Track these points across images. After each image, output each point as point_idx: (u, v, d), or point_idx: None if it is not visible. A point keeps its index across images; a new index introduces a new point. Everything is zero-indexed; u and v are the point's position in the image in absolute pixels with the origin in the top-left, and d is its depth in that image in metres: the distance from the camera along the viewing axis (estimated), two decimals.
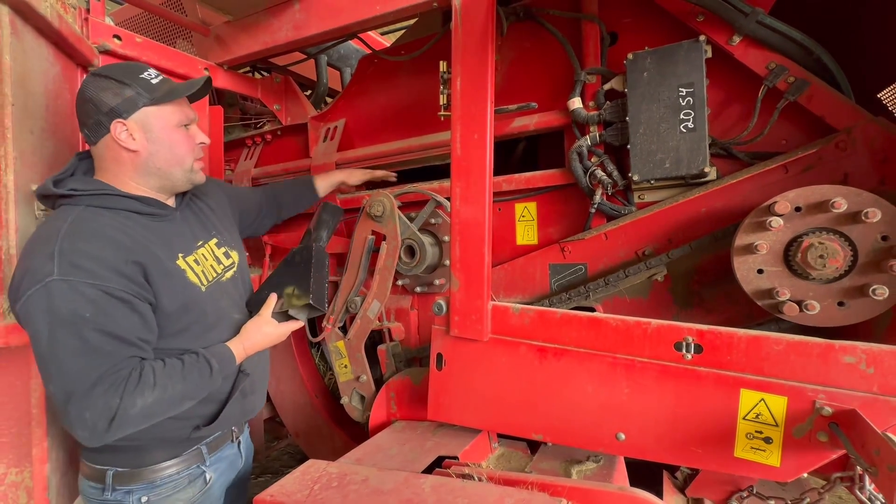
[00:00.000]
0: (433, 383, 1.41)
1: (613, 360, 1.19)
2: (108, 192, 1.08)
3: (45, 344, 0.94)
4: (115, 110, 1.08)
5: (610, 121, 1.47)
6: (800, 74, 1.26)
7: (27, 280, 0.95)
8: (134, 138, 1.10)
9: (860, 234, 1.08)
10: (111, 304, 0.98)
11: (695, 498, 1.37)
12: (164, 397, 1.02)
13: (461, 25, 1.29)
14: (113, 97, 1.08)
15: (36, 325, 0.94)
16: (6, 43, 1.10)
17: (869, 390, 0.96)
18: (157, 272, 1.07)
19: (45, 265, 0.94)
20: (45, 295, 0.93)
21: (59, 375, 0.94)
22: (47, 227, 1.03)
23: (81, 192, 1.05)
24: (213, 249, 1.28)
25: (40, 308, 0.93)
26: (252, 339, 1.26)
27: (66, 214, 1.03)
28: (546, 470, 1.32)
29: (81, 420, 0.94)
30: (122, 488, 1.13)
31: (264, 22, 1.80)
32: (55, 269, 0.94)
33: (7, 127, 1.11)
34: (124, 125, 1.08)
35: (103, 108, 1.07)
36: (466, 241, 1.31)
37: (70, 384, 0.94)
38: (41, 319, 0.94)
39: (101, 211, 1.05)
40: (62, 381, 0.94)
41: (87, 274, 0.96)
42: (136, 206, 1.10)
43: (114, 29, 1.59)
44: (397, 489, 1.11)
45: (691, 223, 1.37)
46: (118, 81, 1.09)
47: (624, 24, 1.50)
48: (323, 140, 2.06)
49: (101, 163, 1.13)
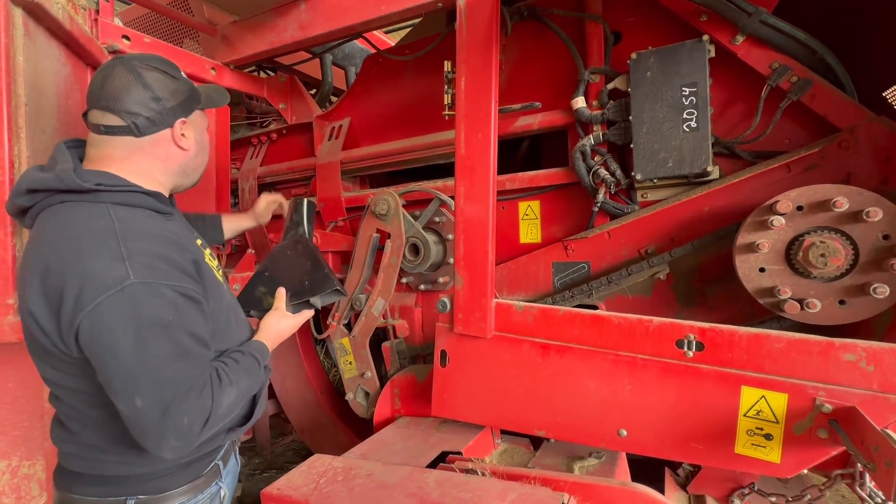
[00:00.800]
0: (437, 380, 1.43)
1: (616, 358, 1.20)
2: (133, 188, 1.00)
3: (130, 354, 0.85)
4: (179, 108, 1.05)
5: (613, 120, 1.48)
6: (803, 74, 1.26)
7: (91, 287, 0.84)
8: (186, 137, 1.08)
9: (861, 233, 1.09)
10: (188, 306, 0.93)
11: (696, 495, 1.38)
12: (239, 393, 1.01)
13: (466, 25, 1.30)
14: (174, 94, 1.04)
15: (115, 336, 0.84)
16: (20, 44, 1.12)
17: (869, 388, 0.97)
18: (204, 271, 1.03)
19: (116, 268, 0.85)
20: (124, 300, 0.84)
21: (155, 385, 0.86)
22: (87, 224, 0.91)
23: (107, 187, 0.96)
24: (203, 249, 1.21)
25: (121, 315, 0.84)
26: (276, 331, 1.26)
27: (99, 211, 0.93)
28: (548, 466, 1.34)
29: (179, 427, 0.88)
30: None
31: (270, 22, 1.82)
32: (129, 271, 0.85)
33: (21, 126, 1.13)
34: (186, 124, 1.07)
35: (167, 103, 1.03)
36: (470, 239, 1.33)
37: (167, 392, 0.87)
38: (124, 327, 0.84)
39: (129, 209, 0.97)
40: (159, 391, 0.86)
41: (164, 275, 0.90)
42: (155, 204, 1.04)
43: (122, 29, 1.61)
44: (402, 483, 1.13)
45: (694, 222, 1.38)
46: (174, 78, 1.06)
47: (627, 24, 1.51)
48: (328, 139, 2.08)
49: (131, 154, 1.02)
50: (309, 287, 1.39)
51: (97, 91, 0.99)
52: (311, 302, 1.40)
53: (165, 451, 0.90)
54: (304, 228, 1.53)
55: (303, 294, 1.39)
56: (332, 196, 2.01)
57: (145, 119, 1.00)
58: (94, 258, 0.87)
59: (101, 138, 1.00)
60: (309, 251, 1.46)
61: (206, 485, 1.10)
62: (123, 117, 0.99)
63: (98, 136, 1.00)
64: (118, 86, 0.99)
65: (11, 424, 1.32)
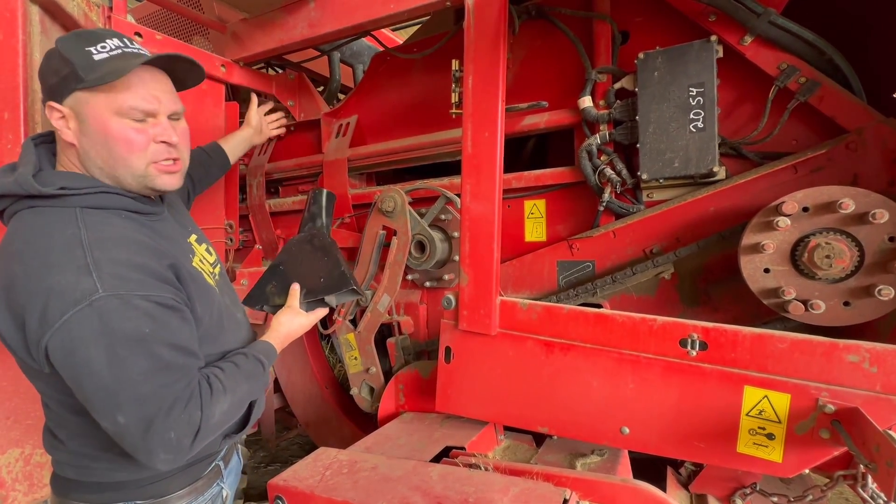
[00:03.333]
0: (441, 376, 1.44)
1: (619, 356, 1.21)
2: (104, 189, 0.91)
3: (105, 372, 0.79)
4: (52, 90, 0.89)
5: (620, 119, 1.48)
6: (811, 75, 1.26)
7: (58, 302, 0.78)
8: (69, 128, 0.90)
9: (867, 235, 1.09)
10: (166, 315, 0.86)
11: (698, 494, 1.38)
12: (235, 401, 0.96)
13: (474, 24, 1.31)
14: (52, 74, 0.89)
15: (87, 353, 0.79)
16: (36, 41, 1.14)
17: (872, 389, 0.98)
18: (186, 276, 0.95)
19: (81, 281, 0.79)
20: (93, 316, 0.78)
21: (134, 402, 0.81)
22: (52, 233, 0.84)
23: (73, 190, 0.87)
24: (196, 246, 1.13)
25: (92, 332, 0.78)
26: (287, 330, 1.23)
27: (67, 217, 0.85)
28: (551, 462, 1.35)
29: (165, 442, 0.83)
30: None
31: (280, 19, 1.84)
32: (97, 283, 0.79)
33: (38, 122, 1.16)
34: (59, 111, 0.89)
35: (45, 83, 0.90)
36: (476, 237, 1.34)
37: (149, 408, 0.82)
38: (95, 345, 0.79)
39: (101, 213, 0.89)
40: (139, 408, 0.81)
41: (136, 285, 0.83)
42: (133, 204, 0.94)
43: (135, 26, 1.63)
44: (406, 476, 1.14)
45: (699, 222, 1.38)
46: (61, 55, 0.88)
47: (635, 24, 1.51)
48: (335, 136, 2.09)
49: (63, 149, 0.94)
50: (324, 285, 1.34)
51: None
52: (325, 300, 1.36)
53: (158, 464, 0.86)
54: (322, 221, 1.47)
55: (317, 292, 1.34)
56: (339, 193, 2.02)
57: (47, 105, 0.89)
58: (60, 271, 0.80)
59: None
60: (325, 246, 1.40)
61: (206, 486, 1.08)
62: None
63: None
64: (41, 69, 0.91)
65: (25, 414, 1.35)
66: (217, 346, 1.07)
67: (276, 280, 1.38)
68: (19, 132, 1.13)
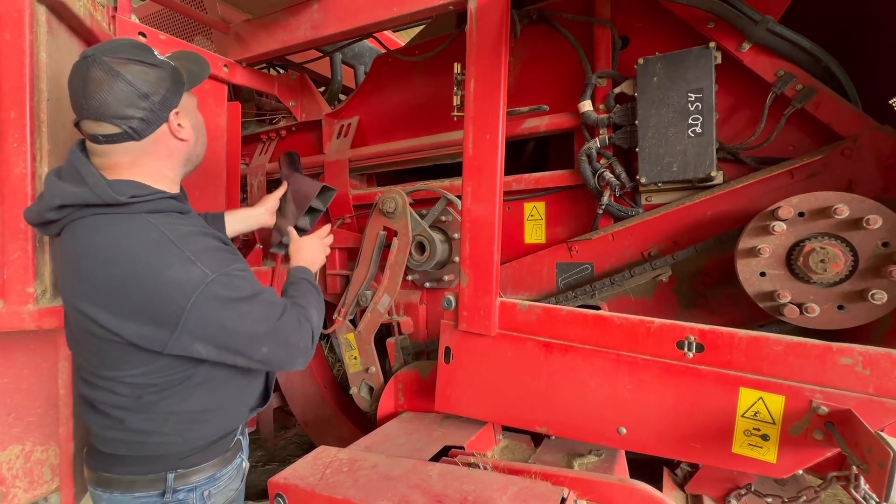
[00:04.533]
0: (441, 376, 1.46)
1: (617, 357, 1.23)
2: (160, 196, 1.03)
3: (241, 324, 0.99)
4: (168, 99, 1.01)
5: (619, 124, 1.50)
6: (808, 82, 1.28)
7: (182, 290, 0.93)
8: (183, 126, 1.06)
9: (861, 240, 1.11)
10: (248, 274, 1.07)
11: (694, 494, 1.40)
12: (316, 306, 1.20)
13: (476, 28, 1.33)
14: (158, 84, 0.99)
15: (221, 318, 0.97)
16: (43, 41, 1.15)
17: (865, 391, 0.99)
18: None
19: (192, 270, 0.95)
20: (210, 296, 0.95)
21: (269, 335, 1.03)
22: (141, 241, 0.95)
23: (140, 198, 0.98)
24: None
25: (215, 305, 0.96)
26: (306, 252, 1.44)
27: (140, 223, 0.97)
28: (549, 462, 1.36)
29: (303, 350, 1.10)
30: (184, 487, 1.10)
31: (283, 21, 1.85)
32: (205, 269, 0.95)
33: (43, 121, 1.16)
34: (179, 114, 1.05)
35: (155, 97, 0.98)
36: (476, 238, 1.35)
37: (282, 332, 1.05)
38: (224, 310, 0.97)
39: (160, 216, 1.01)
40: (275, 336, 1.04)
41: (227, 262, 1.01)
42: (178, 206, 1.07)
43: (139, 26, 1.64)
44: (406, 475, 1.16)
45: (697, 226, 1.40)
46: (152, 65, 0.99)
47: (635, 29, 1.53)
48: (337, 137, 2.10)
49: (137, 159, 1.02)
50: (304, 200, 1.61)
51: (81, 100, 0.95)
52: (314, 208, 1.68)
53: (299, 366, 1.12)
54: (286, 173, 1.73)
55: (303, 209, 1.60)
56: (340, 193, 2.04)
57: (139, 121, 0.97)
58: (170, 267, 0.94)
59: (103, 148, 0.98)
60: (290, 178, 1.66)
61: (232, 457, 1.20)
62: (117, 124, 0.96)
63: (98, 145, 0.98)
64: (100, 90, 0.94)
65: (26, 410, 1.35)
66: None
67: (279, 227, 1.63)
68: (25, 131, 1.14)
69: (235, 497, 1.22)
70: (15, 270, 1.15)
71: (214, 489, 1.15)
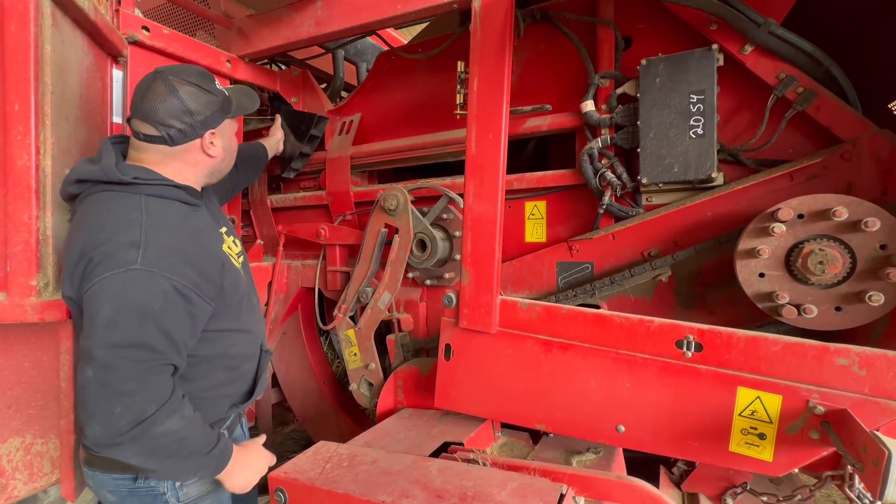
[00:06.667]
0: (441, 373, 1.47)
1: (616, 356, 1.24)
2: (165, 182, 1.11)
3: (102, 326, 0.94)
4: (209, 120, 1.16)
5: (621, 124, 1.50)
6: (809, 85, 1.29)
7: (106, 263, 0.96)
8: (214, 145, 1.20)
9: (859, 243, 1.12)
10: (177, 303, 1.00)
11: (690, 493, 1.41)
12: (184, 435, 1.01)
13: (480, 27, 1.33)
14: (206, 107, 1.15)
15: (100, 306, 0.95)
16: (47, 34, 1.15)
17: (860, 391, 1.01)
18: (220, 256, 1.16)
19: (129, 252, 0.97)
20: (122, 281, 0.95)
21: (105, 363, 0.93)
22: (121, 213, 1.03)
23: (143, 180, 1.08)
24: (225, 237, 1.30)
25: (113, 291, 0.95)
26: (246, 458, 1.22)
27: (134, 202, 1.05)
28: (547, 459, 1.37)
29: (107, 412, 0.92)
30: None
31: (286, 17, 1.84)
32: (139, 258, 0.97)
33: (47, 114, 1.16)
34: (215, 134, 1.19)
35: (198, 116, 1.14)
36: (478, 236, 1.36)
37: (113, 373, 0.93)
38: (109, 302, 0.95)
39: (161, 201, 1.09)
40: (104, 369, 0.93)
41: (168, 267, 0.99)
42: (185, 196, 1.14)
43: (142, 20, 1.64)
44: (405, 470, 1.17)
45: (697, 227, 1.41)
46: (207, 91, 1.16)
47: (638, 30, 1.54)
48: (338, 133, 2.11)
49: (164, 159, 1.14)
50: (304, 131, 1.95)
51: (138, 102, 1.11)
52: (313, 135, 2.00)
53: (88, 432, 0.95)
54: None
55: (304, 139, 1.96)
56: (342, 190, 2.04)
57: (178, 131, 1.12)
58: (116, 243, 0.99)
59: (141, 144, 1.14)
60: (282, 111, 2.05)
61: None
62: (159, 128, 1.11)
63: (138, 141, 1.14)
64: (156, 99, 1.11)
65: (26, 403, 1.35)
66: (238, 322, 1.24)
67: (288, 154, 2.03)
68: (29, 124, 1.13)
69: (213, 490, 1.22)
70: (18, 263, 1.16)
71: (188, 482, 1.17)
